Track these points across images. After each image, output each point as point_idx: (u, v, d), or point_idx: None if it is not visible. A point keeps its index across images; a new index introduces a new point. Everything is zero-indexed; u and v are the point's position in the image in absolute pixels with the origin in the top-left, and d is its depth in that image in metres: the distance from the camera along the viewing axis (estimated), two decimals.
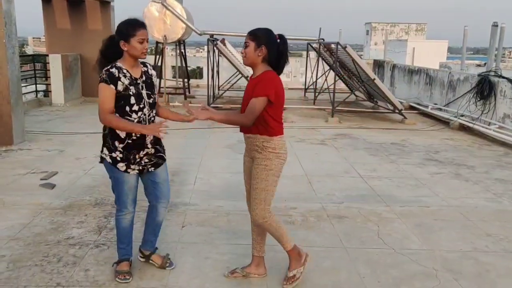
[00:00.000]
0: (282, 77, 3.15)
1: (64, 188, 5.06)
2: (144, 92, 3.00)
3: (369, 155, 7.04)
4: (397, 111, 10.28)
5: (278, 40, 2.96)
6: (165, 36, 11.65)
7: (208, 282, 3.19)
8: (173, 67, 16.10)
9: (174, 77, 15.75)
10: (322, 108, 11.43)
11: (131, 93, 2.92)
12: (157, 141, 3.12)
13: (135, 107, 2.94)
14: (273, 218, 3.09)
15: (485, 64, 15.42)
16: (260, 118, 2.92)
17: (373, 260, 3.58)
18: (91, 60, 11.77)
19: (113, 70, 2.89)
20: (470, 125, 8.99)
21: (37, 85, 11.49)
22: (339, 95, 11.19)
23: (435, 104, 10.88)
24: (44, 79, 12.00)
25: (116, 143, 2.99)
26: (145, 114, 3.00)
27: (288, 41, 3.10)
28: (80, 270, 3.29)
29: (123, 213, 3.20)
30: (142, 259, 3.40)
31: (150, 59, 19.98)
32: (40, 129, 8.20)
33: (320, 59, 13.18)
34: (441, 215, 4.60)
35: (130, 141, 2.98)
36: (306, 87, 14.05)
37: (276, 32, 3.00)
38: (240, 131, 3.11)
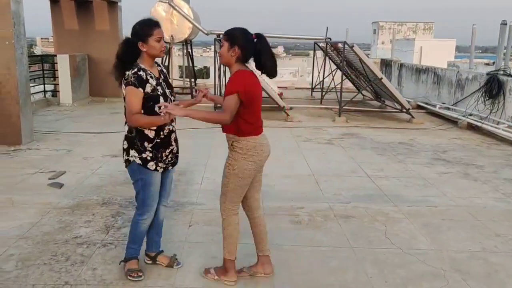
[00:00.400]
0: (289, 76, 3.17)
1: (72, 187, 5.09)
2: (167, 91, 3.07)
3: (377, 154, 7.01)
4: (404, 110, 10.22)
5: (255, 40, 2.94)
6: (172, 36, 11.68)
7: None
8: (180, 67, 16.14)
9: (181, 77, 15.79)
10: (329, 108, 11.40)
11: (159, 93, 2.98)
12: (176, 140, 3.20)
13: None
14: (232, 220, 3.09)
15: (493, 63, 15.29)
16: (234, 117, 2.92)
17: (381, 260, 3.57)
18: (99, 60, 11.98)
19: (141, 73, 2.91)
20: (479, 124, 8.92)
21: (45, 85, 11.57)
22: (346, 94, 11.15)
23: (443, 103, 10.80)
24: (52, 79, 12.08)
25: (146, 144, 3.03)
26: None
27: (295, 40, 3.10)
28: (88, 269, 3.30)
29: (145, 218, 3.16)
30: (149, 262, 3.37)
31: (157, 59, 20.11)
32: (48, 129, 8.25)
33: (327, 58, 13.15)
34: (449, 215, 4.57)
35: (158, 140, 3.04)
36: (313, 86, 14.02)
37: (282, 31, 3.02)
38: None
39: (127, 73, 2.91)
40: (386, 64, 15.41)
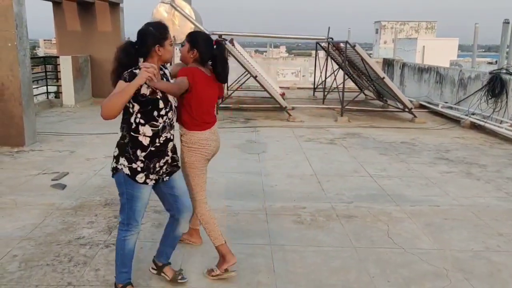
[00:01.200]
0: (291, 76, 3.24)
1: (75, 188, 5.11)
2: (169, 95, 2.88)
3: (379, 154, 7.00)
4: (407, 110, 10.20)
5: (215, 46, 3.16)
6: (174, 37, 11.68)
7: (217, 282, 3.20)
8: None
9: None
10: (331, 108, 11.39)
11: (158, 96, 2.78)
12: (174, 149, 3.00)
13: (163, 112, 2.80)
14: (203, 208, 3.25)
15: (496, 62, 15.25)
16: (179, 109, 3.08)
17: (383, 259, 3.57)
18: (101, 61, 12.01)
19: (136, 71, 2.70)
20: (482, 123, 8.90)
21: (48, 87, 11.60)
22: (348, 94, 11.15)
23: (446, 102, 10.78)
24: (55, 80, 12.12)
25: (138, 152, 2.77)
26: (169, 118, 2.86)
27: (297, 40, 3.16)
28: (91, 270, 3.31)
29: (132, 233, 2.90)
30: (154, 271, 3.23)
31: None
32: (51, 130, 8.28)
33: (329, 58, 13.14)
34: (452, 214, 4.56)
35: (153, 148, 2.80)
36: (315, 86, 14.01)
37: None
38: None
39: (124, 73, 2.73)
40: (388, 64, 15.39)
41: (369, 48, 38.73)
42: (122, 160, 2.80)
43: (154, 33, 2.79)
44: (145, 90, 2.73)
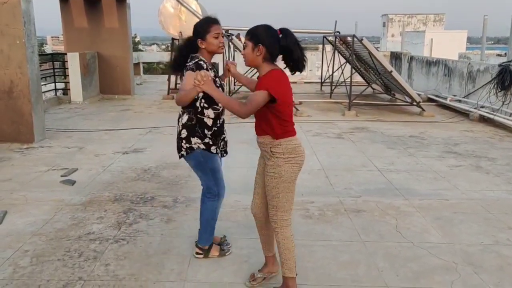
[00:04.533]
0: (294, 72, 3.05)
1: (84, 184, 5.15)
2: (222, 83, 3.25)
3: (387, 148, 6.97)
4: (415, 103, 10.14)
5: (280, 36, 2.74)
6: (180, 32, 11.69)
7: (227, 276, 3.21)
8: None
9: None
10: (338, 102, 11.35)
11: (217, 85, 3.09)
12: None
13: None
14: (286, 231, 2.87)
15: (505, 54, 15.07)
16: (266, 119, 2.76)
17: (392, 253, 3.56)
18: (109, 58, 12.06)
19: (201, 62, 3.04)
20: (491, 116, 8.82)
21: (56, 83, 11.67)
22: (355, 88, 11.09)
23: (454, 95, 10.70)
24: (63, 77, 12.19)
25: (206, 131, 3.15)
26: (221, 107, 3.19)
27: (304, 35, 3.10)
28: (101, 265, 3.34)
29: (216, 199, 3.33)
30: (200, 256, 3.44)
31: (166, 56, 20.10)
32: (60, 126, 8.34)
33: (336, 52, 13.08)
34: (461, 208, 4.54)
35: (216, 128, 3.19)
36: (323, 80, 13.96)
37: (286, 26, 2.81)
38: (256, 133, 2.91)
39: (188, 64, 3.06)
40: (396, 57, 15.29)
41: (376, 42, 38.47)
42: (195, 140, 3.15)
43: (197, 28, 3.12)
44: None
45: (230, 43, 11.86)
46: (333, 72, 12.94)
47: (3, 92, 6.84)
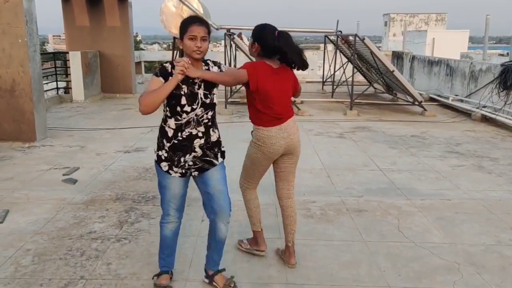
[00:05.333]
0: (298, 70, 3.17)
1: (86, 183, 5.15)
2: (201, 92, 2.76)
3: (389, 148, 6.96)
4: (416, 103, 10.12)
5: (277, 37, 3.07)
6: None
7: (228, 275, 3.20)
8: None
9: None
10: (340, 101, 11.34)
11: (182, 92, 2.71)
12: (208, 147, 2.87)
13: (187, 108, 2.74)
14: (245, 194, 3.45)
15: (507, 53, 15.04)
16: (248, 105, 3.18)
17: (394, 253, 3.55)
18: (110, 57, 12.06)
19: (166, 64, 2.75)
20: (493, 116, 8.80)
21: (58, 82, 11.68)
22: (357, 87, 11.07)
23: (456, 95, 10.68)
24: (64, 76, 12.20)
25: (164, 141, 2.83)
26: (197, 115, 2.76)
27: (306, 34, 3.16)
28: (103, 264, 3.35)
29: (165, 221, 3.03)
30: (206, 280, 3.11)
31: (168, 54, 20.12)
32: (62, 125, 8.35)
33: (338, 51, 13.06)
34: (463, 208, 4.53)
35: (176, 141, 2.79)
36: (324, 80, 13.95)
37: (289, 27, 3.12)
38: None
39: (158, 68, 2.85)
40: (397, 57, 15.27)
41: (378, 41, 38.40)
42: (155, 147, 2.94)
43: (179, 29, 2.75)
44: None
45: (232, 42, 11.84)
46: (334, 72, 12.92)
47: (5, 91, 6.84)
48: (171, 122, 2.80)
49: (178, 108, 2.74)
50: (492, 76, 9.23)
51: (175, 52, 12.69)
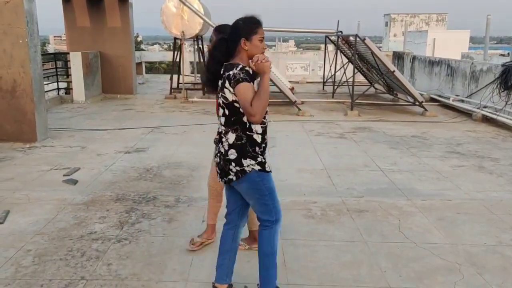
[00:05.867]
0: (300, 70, 3.18)
1: (86, 184, 5.15)
2: None
3: (390, 148, 6.95)
4: (417, 103, 10.12)
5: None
6: (183, 32, 11.70)
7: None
8: (191, 62, 16.17)
9: (192, 72, 15.83)
10: (341, 101, 11.34)
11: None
12: None
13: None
14: (208, 189, 3.61)
15: (508, 53, 15.03)
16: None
17: (395, 254, 3.55)
18: (111, 57, 12.06)
19: (247, 69, 2.64)
20: (494, 116, 8.79)
21: (59, 83, 11.69)
22: (358, 88, 11.07)
23: (457, 95, 10.67)
24: (65, 76, 12.21)
25: (256, 149, 2.70)
26: (267, 120, 2.80)
27: (306, 34, 3.12)
28: (103, 264, 3.34)
29: (278, 224, 2.80)
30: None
31: (168, 55, 20.11)
32: (62, 126, 8.35)
33: (338, 52, 13.06)
34: (464, 208, 4.52)
35: (264, 145, 2.74)
36: (325, 80, 13.95)
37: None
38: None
39: (231, 72, 2.58)
40: (398, 57, 15.26)
41: (378, 41, 38.41)
42: (248, 161, 2.67)
43: (243, 27, 2.66)
44: (256, 86, 2.65)
45: None
46: (335, 72, 12.92)
47: (6, 92, 6.85)
48: (258, 128, 2.69)
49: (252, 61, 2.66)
50: (493, 76, 9.22)
51: (175, 52, 12.70)
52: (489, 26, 11.61)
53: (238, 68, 2.60)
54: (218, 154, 2.77)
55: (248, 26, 2.66)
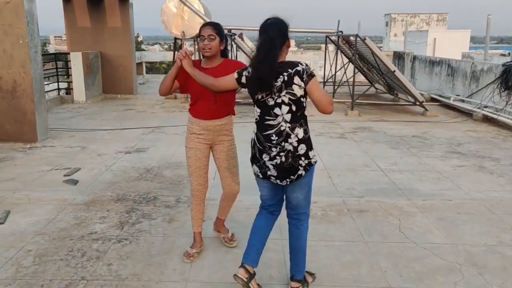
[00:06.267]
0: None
1: (87, 184, 5.15)
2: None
3: (390, 148, 6.95)
4: (418, 103, 10.11)
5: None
6: (183, 32, 11.70)
7: (229, 276, 3.20)
8: None
9: None
10: (341, 101, 11.33)
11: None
12: None
13: None
14: (194, 196, 3.51)
15: (509, 53, 15.02)
16: (230, 100, 3.30)
17: (395, 254, 3.55)
18: (111, 57, 12.07)
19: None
20: (494, 116, 8.79)
21: (59, 83, 11.69)
22: (358, 88, 11.07)
23: (458, 95, 10.66)
24: (65, 77, 12.21)
25: (312, 144, 2.88)
26: None
27: (307, 34, 3.15)
28: (104, 265, 3.34)
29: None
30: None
31: (169, 55, 20.11)
32: (63, 126, 8.36)
33: (339, 52, 13.05)
34: (465, 208, 4.52)
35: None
36: (325, 80, 13.94)
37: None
38: (206, 118, 3.29)
39: (299, 68, 2.63)
40: (398, 57, 15.25)
41: (379, 41, 38.40)
42: (312, 152, 2.82)
43: (287, 27, 2.78)
44: None
45: (232, 43, 11.85)
46: (335, 72, 12.91)
47: (6, 92, 6.85)
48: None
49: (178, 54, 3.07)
50: (494, 76, 9.21)
51: (176, 52, 12.69)
52: (490, 26, 11.60)
53: (305, 65, 2.67)
54: (282, 154, 2.71)
55: (287, 27, 2.74)
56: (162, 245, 3.66)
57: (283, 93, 2.65)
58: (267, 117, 2.73)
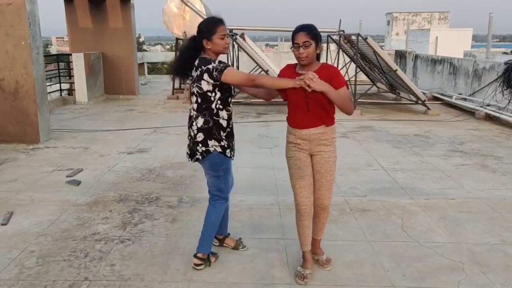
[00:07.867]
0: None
1: (89, 184, 5.16)
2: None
3: (392, 147, 6.94)
4: (420, 102, 10.10)
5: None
6: (184, 32, 11.71)
7: (232, 276, 3.21)
8: None
9: None
10: None
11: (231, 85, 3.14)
12: None
13: (230, 99, 3.21)
14: (301, 210, 3.29)
15: (511, 51, 14.98)
16: (324, 109, 3.02)
17: (398, 253, 3.54)
18: (113, 58, 12.09)
19: (223, 61, 3.11)
20: (497, 114, 8.76)
21: (61, 84, 11.72)
22: (360, 87, 11.06)
23: (460, 94, 10.64)
24: (68, 77, 12.24)
25: (221, 133, 3.14)
26: (231, 108, 3.28)
27: None
28: (107, 265, 3.35)
29: (227, 201, 3.38)
30: (216, 244, 3.54)
31: (171, 56, 20.12)
32: (65, 127, 8.37)
33: (340, 51, 13.03)
34: (467, 207, 4.51)
35: (229, 129, 3.19)
36: None
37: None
38: (301, 127, 3.06)
39: (212, 65, 3.01)
40: (400, 56, 15.23)
41: (381, 40, 38.36)
42: (212, 142, 3.13)
43: (202, 28, 3.09)
44: None
45: (234, 43, 11.85)
46: None
47: (9, 93, 6.87)
48: (224, 114, 3.15)
49: (229, 99, 3.18)
50: (496, 74, 9.19)
51: (177, 53, 12.70)
52: (492, 24, 11.56)
53: (217, 62, 3.02)
54: (189, 138, 3.21)
55: (208, 28, 3.06)
56: (164, 245, 3.66)
57: (194, 86, 3.12)
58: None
